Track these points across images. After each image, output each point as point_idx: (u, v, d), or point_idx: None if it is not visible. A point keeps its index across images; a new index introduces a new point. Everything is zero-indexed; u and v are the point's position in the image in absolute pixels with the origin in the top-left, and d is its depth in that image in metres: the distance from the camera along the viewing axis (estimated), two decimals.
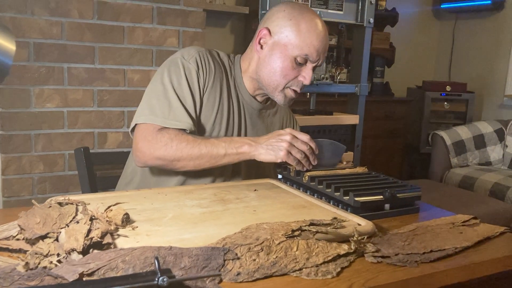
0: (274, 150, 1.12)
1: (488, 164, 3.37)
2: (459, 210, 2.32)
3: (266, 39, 1.25)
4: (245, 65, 1.32)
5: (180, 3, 2.13)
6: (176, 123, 1.16)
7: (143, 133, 1.16)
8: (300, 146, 1.13)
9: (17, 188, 1.93)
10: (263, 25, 1.26)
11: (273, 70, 1.24)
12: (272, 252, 0.75)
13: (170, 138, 1.13)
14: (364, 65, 2.42)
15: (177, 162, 1.14)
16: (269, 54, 1.24)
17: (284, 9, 1.24)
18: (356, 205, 1.01)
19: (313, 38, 1.20)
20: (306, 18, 1.21)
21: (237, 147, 1.14)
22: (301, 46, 1.20)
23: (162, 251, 0.72)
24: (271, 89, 1.27)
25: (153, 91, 1.21)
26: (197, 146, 1.13)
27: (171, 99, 1.18)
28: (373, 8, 2.32)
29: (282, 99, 1.27)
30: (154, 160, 1.15)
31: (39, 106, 1.92)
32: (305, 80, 1.24)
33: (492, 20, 4.00)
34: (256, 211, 0.98)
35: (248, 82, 1.32)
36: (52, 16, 1.90)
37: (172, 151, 1.13)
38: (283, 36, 1.22)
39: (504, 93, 3.92)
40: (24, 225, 0.81)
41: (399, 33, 4.15)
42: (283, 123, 1.46)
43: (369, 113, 3.19)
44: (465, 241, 0.89)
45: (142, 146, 1.15)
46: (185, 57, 1.24)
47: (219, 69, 1.29)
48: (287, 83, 1.24)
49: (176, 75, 1.21)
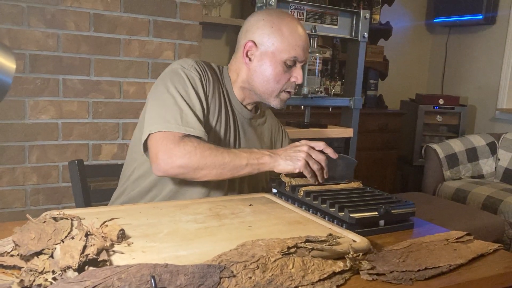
0: (293, 161, 1.15)
1: (481, 177, 3.40)
2: (451, 223, 2.35)
3: (252, 51, 1.28)
4: (234, 76, 1.34)
5: (176, 16, 2.14)
6: (190, 130, 1.15)
7: (163, 141, 1.12)
8: (317, 157, 1.17)
9: (10, 199, 1.91)
10: (247, 38, 1.29)
11: (266, 79, 1.27)
12: (268, 269, 0.75)
13: (194, 146, 1.11)
14: (358, 79, 2.44)
15: (200, 171, 1.13)
16: (259, 65, 1.27)
17: (263, 18, 1.28)
18: (351, 221, 1.01)
19: (297, 39, 1.25)
20: (285, 21, 1.26)
21: (258, 158, 1.16)
22: (288, 50, 1.25)
23: (158, 268, 0.72)
24: (267, 96, 1.30)
25: (160, 102, 1.19)
26: (220, 155, 1.13)
27: (182, 107, 1.17)
28: (367, 23, 2.35)
29: (278, 103, 1.31)
30: (176, 169, 1.12)
31: (34, 118, 1.92)
32: (297, 80, 1.29)
33: (484, 34, 4.06)
34: (251, 227, 0.98)
35: (238, 91, 1.34)
36: (48, 28, 1.90)
37: (196, 159, 1.11)
38: (269, 44, 1.25)
39: (496, 107, 3.97)
40: (19, 241, 0.80)
41: (392, 46, 4.20)
42: (272, 133, 1.48)
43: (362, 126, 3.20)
44: (459, 258, 0.90)
45: (163, 154, 1.12)
46: (185, 66, 1.25)
47: (215, 78, 1.31)
48: (281, 88, 1.28)
49: (181, 84, 1.21)
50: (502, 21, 3.92)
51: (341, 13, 2.33)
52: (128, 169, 1.33)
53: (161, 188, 1.26)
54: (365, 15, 2.33)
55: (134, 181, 1.30)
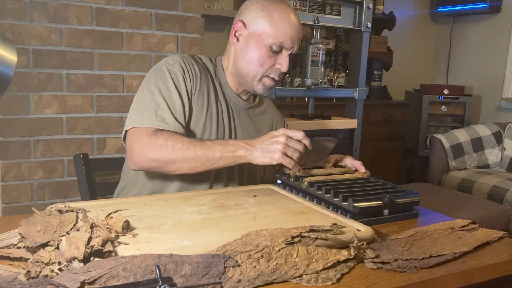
0: (269, 153, 1.11)
1: (486, 167, 3.38)
2: (457, 213, 2.35)
3: (241, 31, 1.29)
4: (226, 63, 1.35)
5: (178, 9, 2.13)
6: (164, 125, 1.17)
7: (137, 135, 1.15)
8: (295, 146, 1.12)
9: (16, 194, 1.92)
10: (238, 18, 1.30)
11: (250, 60, 1.27)
12: (272, 259, 0.75)
13: (165, 139, 1.12)
14: (362, 70, 2.43)
15: (172, 164, 1.13)
16: (245, 45, 1.28)
17: (257, 1, 1.29)
18: (355, 211, 1.01)
19: (286, 26, 1.25)
20: (278, 8, 1.26)
21: (232, 151, 1.13)
22: (275, 35, 1.24)
23: (162, 258, 0.72)
24: (250, 79, 1.29)
25: (140, 98, 1.23)
26: (192, 148, 1.13)
27: (158, 102, 1.19)
28: (371, 13, 2.34)
29: (261, 88, 1.30)
30: (148, 162, 1.14)
31: (38, 113, 1.92)
32: (282, 67, 1.27)
33: (489, 23, 4.02)
34: (255, 217, 0.99)
35: (231, 79, 1.35)
36: (51, 23, 1.90)
37: (167, 153, 1.12)
38: (258, 26, 1.26)
39: (501, 96, 3.94)
40: (25, 233, 0.81)
41: (396, 36, 4.17)
42: (272, 124, 1.47)
43: (367, 117, 3.20)
44: (464, 246, 0.90)
45: (136, 148, 1.14)
46: (170, 62, 1.26)
47: (204, 72, 1.31)
48: (265, 72, 1.28)
49: (162, 80, 1.23)
50: (507, 9, 3.88)
51: (344, 3, 2.32)
52: (127, 166, 1.34)
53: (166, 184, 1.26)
54: (368, 5, 2.31)
55: (132, 177, 1.31)
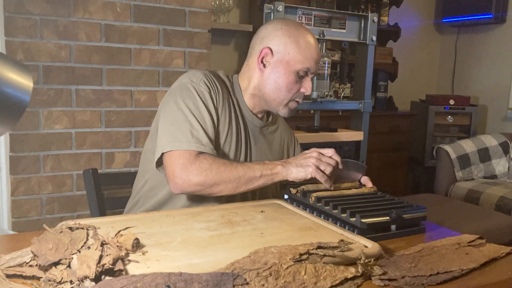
0: (304, 167, 1.19)
1: (494, 177, 3.37)
2: (464, 225, 2.34)
3: (268, 58, 1.31)
4: (244, 84, 1.36)
5: (185, 25, 2.17)
6: (201, 147, 1.18)
7: (179, 160, 1.16)
8: (328, 160, 1.21)
9: (26, 209, 1.95)
10: (263, 45, 1.31)
11: (278, 87, 1.30)
12: (281, 276, 0.76)
13: (209, 164, 1.15)
14: (367, 82, 2.44)
15: (217, 186, 1.17)
16: (273, 72, 1.30)
17: (281, 27, 1.31)
18: (362, 227, 1.02)
19: (312, 51, 1.30)
20: (302, 34, 1.30)
21: (271, 168, 1.20)
22: (303, 61, 1.28)
23: (172, 277, 0.73)
24: (276, 104, 1.32)
25: (171, 119, 1.22)
26: (234, 169, 1.17)
27: (192, 123, 1.20)
28: (376, 26, 2.35)
29: (287, 112, 1.35)
30: (193, 187, 1.16)
31: (48, 128, 1.95)
32: (307, 91, 1.32)
33: (494, 33, 4.03)
34: (263, 234, 1.00)
35: (249, 99, 1.36)
36: (61, 40, 1.94)
37: (212, 176, 1.15)
38: (285, 53, 1.29)
39: (507, 106, 3.93)
40: (37, 252, 0.83)
41: (401, 47, 4.18)
42: (283, 141, 1.49)
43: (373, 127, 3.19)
44: (471, 263, 0.90)
45: (180, 173, 1.15)
46: (194, 80, 1.27)
47: (225, 89, 1.33)
48: (291, 97, 1.31)
49: (191, 99, 1.24)
50: None
51: (349, 17, 2.34)
52: (141, 179, 1.35)
53: (177, 200, 1.28)
54: (373, 18, 2.33)
55: (147, 192, 1.32)
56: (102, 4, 1.99)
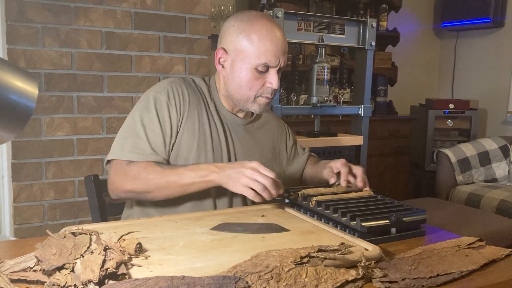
0: (233, 182, 1.14)
1: (494, 180, 3.37)
2: (465, 229, 2.34)
3: (224, 57, 1.29)
4: (218, 84, 1.36)
5: (186, 32, 2.18)
6: (140, 156, 1.22)
7: (114, 167, 1.23)
8: (261, 180, 1.11)
9: (28, 215, 1.96)
10: (219, 45, 1.31)
11: (239, 85, 1.28)
12: (282, 279, 0.77)
13: (137, 171, 1.20)
14: (367, 87, 2.45)
15: (148, 194, 1.22)
16: (231, 72, 1.28)
17: (233, 24, 1.27)
18: (363, 230, 1.03)
19: (267, 45, 1.23)
20: (255, 27, 1.23)
21: (203, 176, 1.18)
22: (257, 56, 1.23)
23: (175, 280, 0.74)
24: (243, 102, 1.30)
25: (124, 128, 1.29)
26: (164, 177, 1.19)
27: (138, 133, 1.24)
28: (374, 31, 2.37)
29: (257, 108, 1.31)
30: (125, 193, 1.23)
31: (50, 135, 1.97)
32: (272, 85, 1.27)
33: (493, 37, 4.05)
34: (264, 238, 1.00)
35: (224, 100, 1.36)
36: (62, 47, 1.96)
37: (141, 184, 1.19)
38: (239, 51, 1.25)
39: (507, 109, 3.94)
40: (41, 257, 0.83)
41: (401, 52, 4.20)
42: (274, 135, 1.47)
43: (373, 132, 3.21)
44: (471, 264, 0.91)
45: (113, 180, 1.23)
46: (157, 90, 1.29)
47: (195, 96, 1.32)
48: (256, 94, 1.28)
49: (146, 109, 1.26)
50: (510, 24, 3.91)
51: (347, 23, 2.35)
52: None
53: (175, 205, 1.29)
54: (371, 23, 2.35)
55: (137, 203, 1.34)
56: (103, 12, 2.01)
